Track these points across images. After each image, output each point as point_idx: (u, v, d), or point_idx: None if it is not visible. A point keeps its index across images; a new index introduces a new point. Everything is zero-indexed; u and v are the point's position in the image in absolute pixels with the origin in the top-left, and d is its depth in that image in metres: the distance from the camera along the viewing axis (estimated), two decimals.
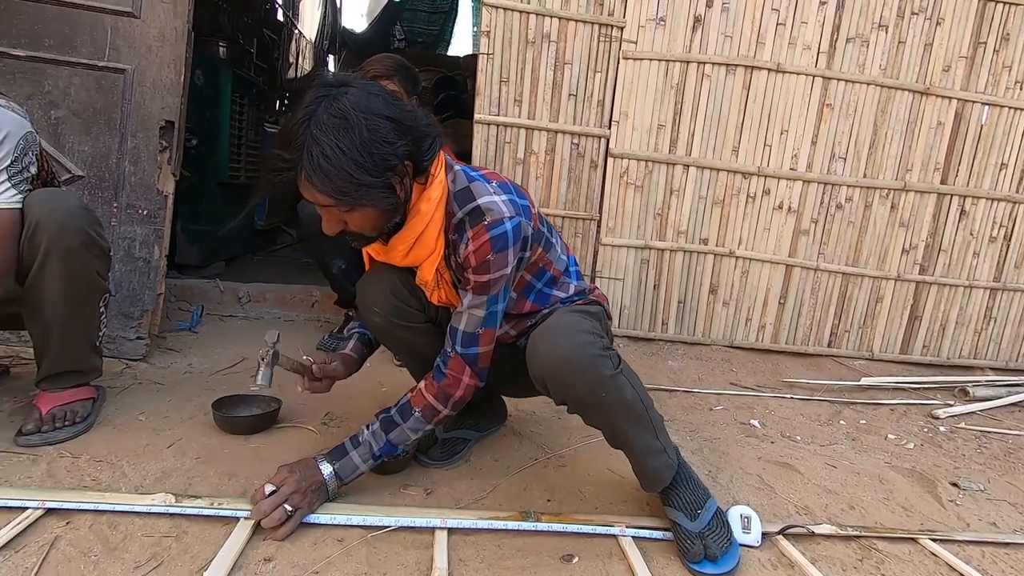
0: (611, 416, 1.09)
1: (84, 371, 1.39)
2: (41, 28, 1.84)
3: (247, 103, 3.31)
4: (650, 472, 1.15)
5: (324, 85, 0.98)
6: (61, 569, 0.93)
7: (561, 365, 1.04)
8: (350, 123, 0.93)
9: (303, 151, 0.93)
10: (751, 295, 2.54)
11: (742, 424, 1.86)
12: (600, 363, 1.04)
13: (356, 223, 1.05)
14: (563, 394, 1.08)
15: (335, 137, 0.92)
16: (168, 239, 1.94)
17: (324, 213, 1.04)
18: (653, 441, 1.14)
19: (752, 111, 2.41)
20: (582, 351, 1.04)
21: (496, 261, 1.08)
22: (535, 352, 1.07)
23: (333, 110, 0.94)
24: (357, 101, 0.95)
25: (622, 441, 1.14)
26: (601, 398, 1.05)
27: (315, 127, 0.93)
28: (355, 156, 0.93)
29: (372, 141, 0.95)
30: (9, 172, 1.14)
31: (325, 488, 1.11)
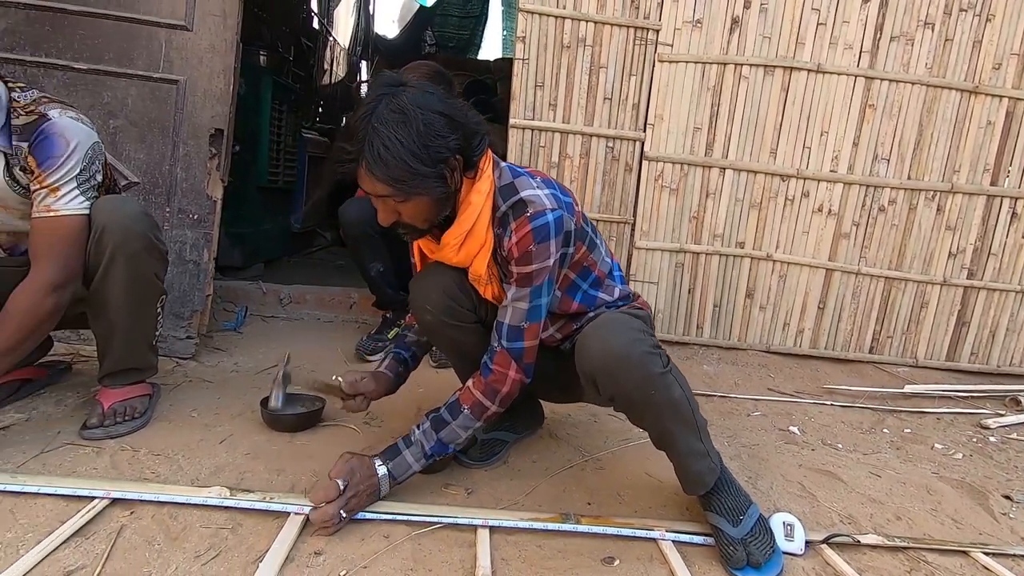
0: (658, 415, 1.09)
1: (142, 369, 1.45)
2: (101, 42, 1.94)
3: (286, 110, 3.40)
4: (693, 475, 1.15)
5: (384, 84, 1.06)
6: (128, 556, 0.99)
7: (612, 360, 1.06)
8: (408, 117, 1.01)
9: (365, 143, 1.00)
10: (789, 299, 2.50)
11: (781, 430, 1.83)
12: (650, 360, 1.06)
13: (409, 213, 1.10)
14: (612, 390, 1.09)
15: (394, 130, 1.00)
16: (216, 242, 2.01)
17: (380, 204, 1.09)
18: (697, 444, 1.14)
19: (791, 113, 2.37)
20: (633, 347, 1.05)
21: (538, 252, 1.11)
22: (586, 347, 1.09)
23: (393, 106, 1.01)
24: (414, 98, 1.03)
25: (667, 442, 1.14)
26: (650, 396, 1.06)
27: (376, 121, 1.00)
28: (412, 147, 1.00)
29: (427, 134, 1.02)
30: (78, 180, 1.21)
31: (378, 488, 1.14)
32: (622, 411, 1.15)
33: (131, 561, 0.97)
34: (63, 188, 1.19)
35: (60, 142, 1.18)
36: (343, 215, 2.05)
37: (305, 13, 5.26)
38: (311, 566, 1.01)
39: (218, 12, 1.95)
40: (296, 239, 3.85)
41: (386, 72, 1.11)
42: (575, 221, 1.18)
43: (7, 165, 1.19)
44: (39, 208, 1.19)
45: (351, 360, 2.10)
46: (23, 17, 1.91)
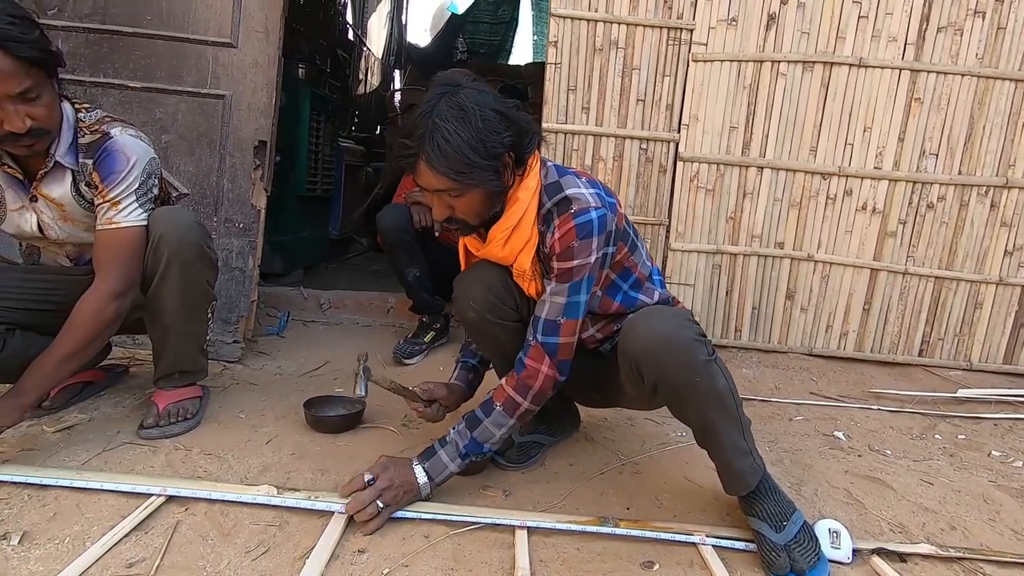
0: (702, 405, 1.08)
1: (194, 372, 1.52)
2: (153, 62, 2.04)
3: (323, 120, 3.50)
4: (736, 473, 1.13)
5: (442, 84, 1.10)
6: (184, 550, 1.03)
7: (657, 344, 1.06)
8: (467, 113, 1.05)
9: (425, 137, 1.05)
10: (832, 301, 2.43)
11: (825, 436, 1.78)
12: (696, 347, 1.05)
13: (463, 208, 1.14)
14: (656, 375, 1.07)
15: (454, 125, 1.05)
16: (260, 250, 2.09)
17: (435, 199, 1.14)
18: (740, 440, 1.12)
19: (831, 109, 2.31)
20: (679, 332, 1.05)
21: (580, 248, 1.12)
22: (631, 331, 1.09)
23: (452, 103, 1.06)
24: (472, 96, 1.07)
25: (710, 435, 1.12)
26: (695, 383, 1.05)
27: (436, 116, 1.05)
28: (471, 141, 1.05)
29: (485, 129, 1.06)
30: (137, 194, 1.28)
31: (417, 487, 1.17)
32: (664, 400, 1.13)
33: (187, 555, 1.02)
34: (124, 202, 1.27)
35: (121, 159, 1.26)
36: (380, 221, 2.09)
37: (340, 25, 5.40)
38: (355, 563, 1.03)
39: (261, 29, 2.03)
40: (333, 246, 3.95)
41: (442, 73, 1.15)
42: (618, 222, 1.19)
43: (74, 181, 1.27)
44: (102, 221, 1.27)
45: (389, 364, 2.15)
46: (83, 40, 2.03)
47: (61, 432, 1.41)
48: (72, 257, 1.42)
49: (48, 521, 1.08)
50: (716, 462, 1.16)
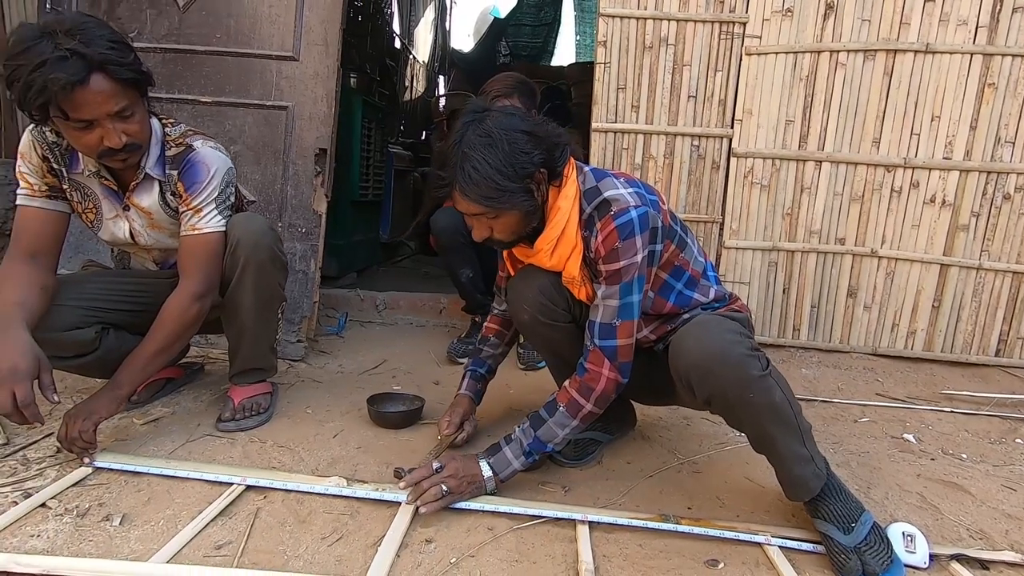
0: (757, 418, 1.08)
1: (265, 369, 1.61)
2: (222, 77, 2.17)
3: (374, 127, 3.61)
4: (796, 480, 1.12)
5: (470, 112, 1.15)
6: (265, 535, 1.10)
7: (708, 361, 1.05)
8: (493, 140, 1.09)
9: (457, 167, 1.10)
10: (898, 298, 2.33)
11: (894, 438, 1.71)
12: (748, 362, 1.04)
13: (500, 228, 1.18)
14: (708, 391, 1.08)
15: (482, 153, 1.09)
16: (322, 253, 2.18)
17: (474, 222, 1.18)
18: (800, 448, 1.11)
19: (895, 98, 2.22)
20: (731, 348, 1.05)
21: (624, 249, 1.13)
22: (681, 346, 1.09)
23: (479, 131, 1.11)
24: (498, 121, 1.11)
25: (767, 446, 1.11)
26: (748, 398, 1.05)
27: (465, 147, 1.10)
28: (499, 166, 1.08)
29: (512, 152, 1.10)
30: (217, 202, 1.37)
31: (482, 481, 1.20)
32: (718, 413, 1.14)
33: (268, 539, 1.09)
34: (205, 209, 1.36)
35: (203, 169, 1.35)
36: (435, 224, 2.15)
37: (388, 35, 5.55)
38: (424, 552, 1.07)
39: (321, 42, 2.12)
40: (383, 249, 4.07)
41: (472, 100, 1.21)
42: (662, 218, 1.18)
43: (161, 191, 1.37)
44: (186, 227, 1.36)
45: (442, 363, 2.20)
46: (160, 59, 2.17)
47: (148, 424, 1.52)
48: (158, 261, 1.53)
49: (144, 505, 1.17)
50: (775, 469, 1.15)
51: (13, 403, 1.11)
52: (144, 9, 2.16)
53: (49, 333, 1.29)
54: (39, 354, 1.16)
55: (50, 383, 1.17)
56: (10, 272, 1.27)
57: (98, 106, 1.16)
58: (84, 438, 1.25)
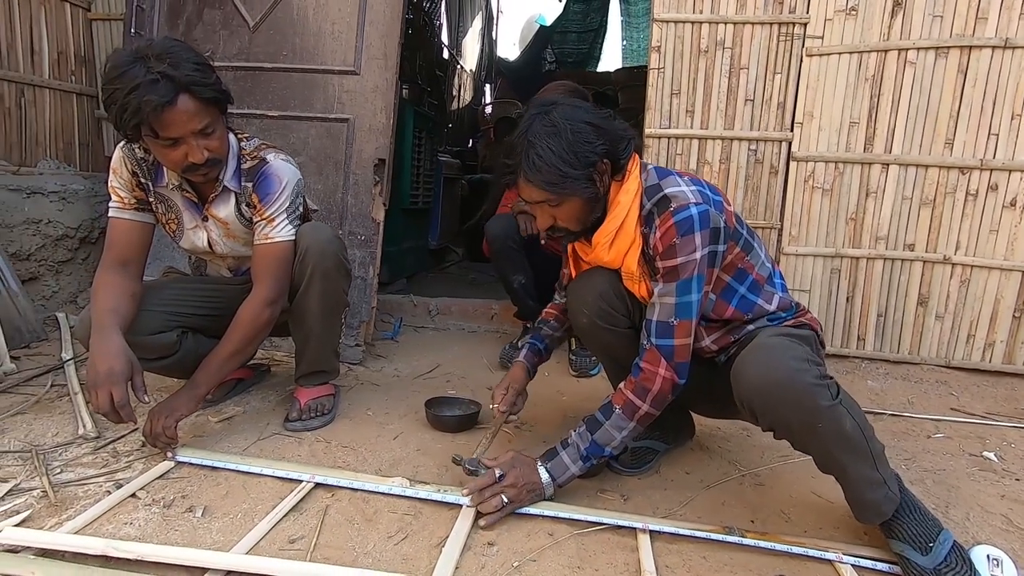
0: (825, 446, 1.05)
1: (329, 372, 1.67)
2: (288, 92, 2.27)
3: (424, 136, 3.69)
4: (868, 504, 1.08)
5: (537, 105, 1.19)
6: (335, 531, 1.14)
7: (772, 390, 1.02)
8: (558, 129, 1.13)
9: (522, 155, 1.14)
10: (974, 307, 2.20)
11: (972, 456, 1.62)
12: (817, 392, 1.00)
13: (563, 216, 1.20)
14: (771, 420, 1.06)
15: (547, 141, 1.12)
16: (379, 260, 2.25)
17: (538, 210, 1.21)
18: (871, 472, 1.06)
19: (971, 96, 2.11)
20: (796, 377, 1.00)
21: (682, 245, 1.12)
22: (743, 373, 1.06)
23: (545, 121, 1.14)
24: (563, 112, 1.15)
25: (836, 470, 1.08)
26: (815, 428, 1.01)
27: (531, 136, 1.14)
28: (562, 153, 1.12)
29: (575, 141, 1.12)
30: (287, 212, 1.44)
31: (541, 487, 1.21)
32: (782, 439, 1.10)
33: (338, 536, 1.13)
34: (277, 219, 1.43)
35: (275, 181, 1.42)
36: (488, 230, 2.18)
37: (437, 46, 5.68)
38: (486, 555, 1.09)
39: (380, 56, 2.20)
40: (432, 255, 4.15)
41: (538, 97, 1.24)
42: (725, 219, 1.17)
43: (236, 202, 1.45)
44: (259, 236, 1.44)
45: (495, 368, 2.22)
46: (230, 77, 2.30)
47: (222, 422, 1.61)
48: (232, 269, 1.62)
49: (222, 498, 1.24)
50: (844, 491, 1.11)
51: (111, 403, 1.21)
52: (218, 30, 2.30)
53: (136, 337, 1.38)
54: (132, 357, 1.26)
55: (141, 384, 1.26)
56: (104, 280, 1.38)
57: (184, 124, 1.24)
58: (167, 434, 1.33)
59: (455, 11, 6.39)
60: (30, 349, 2.11)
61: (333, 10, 2.23)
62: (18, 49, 2.58)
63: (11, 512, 1.14)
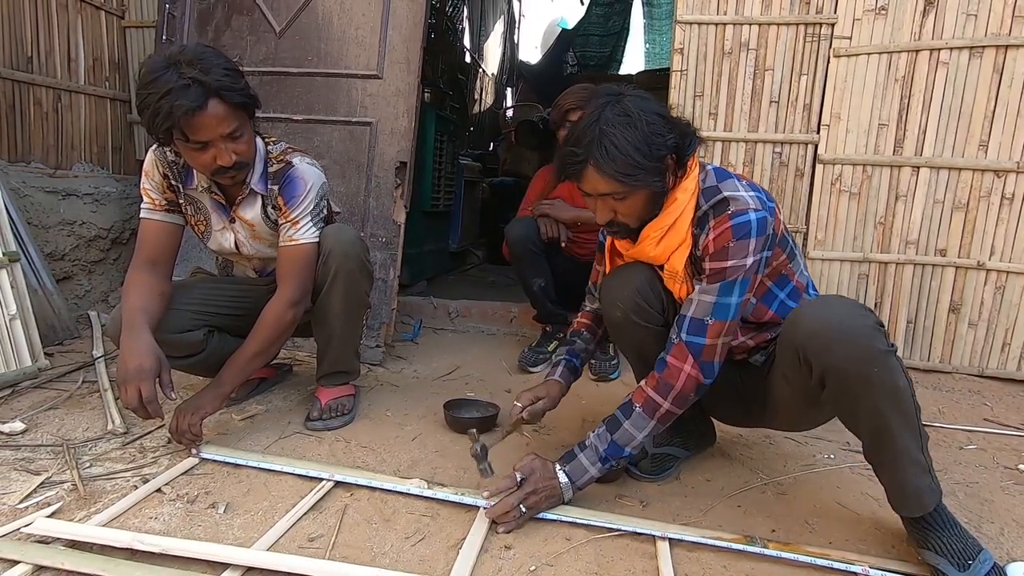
0: (877, 401, 0.99)
1: (349, 372, 1.69)
2: (312, 96, 2.31)
3: (445, 140, 3.71)
4: (911, 489, 1.03)
5: (605, 94, 1.14)
6: (353, 531, 1.15)
7: (829, 330, 1.00)
8: (632, 119, 1.09)
9: (594, 144, 1.09)
10: (1009, 315, 2.13)
11: (1008, 469, 1.56)
12: (874, 336, 0.98)
13: (625, 210, 1.16)
14: (826, 362, 1.01)
15: (621, 130, 1.09)
16: (400, 262, 2.27)
17: (599, 203, 1.17)
18: (919, 454, 1.03)
19: (1007, 97, 2.04)
20: (855, 319, 0.99)
21: (736, 249, 1.10)
22: (800, 317, 1.05)
23: (618, 110, 1.10)
24: (635, 102, 1.11)
25: (884, 440, 1.02)
26: (870, 373, 0.97)
27: (604, 124, 1.09)
28: (636, 143, 1.08)
29: (650, 133, 1.09)
30: (311, 214, 1.47)
31: (560, 492, 1.20)
32: (831, 397, 1.05)
33: (356, 535, 1.14)
34: (301, 221, 1.45)
35: (300, 184, 1.45)
36: (509, 233, 2.18)
37: (459, 50, 5.72)
38: (503, 558, 1.09)
39: (403, 60, 2.22)
40: (452, 258, 4.17)
41: (606, 84, 1.20)
42: (775, 226, 1.15)
43: (263, 204, 1.48)
44: (284, 238, 1.46)
45: (514, 371, 2.22)
46: (257, 82, 2.34)
47: (245, 420, 1.64)
48: (257, 270, 1.65)
49: (244, 495, 1.26)
50: (887, 475, 1.06)
51: (139, 399, 1.24)
52: (245, 36, 2.35)
53: (165, 335, 1.41)
54: (160, 355, 1.29)
55: (169, 381, 1.29)
56: (135, 280, 1.41)
57: (213, 128, 1.27)
58: (192, 431, 1.36)
59: (477, 15, 6.43)
60: (63, 346, 2.18)
61: (357, 15, 2.26)
62: (56, 56, 2.67)
63: (43, 504, 1.17)
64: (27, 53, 2.54)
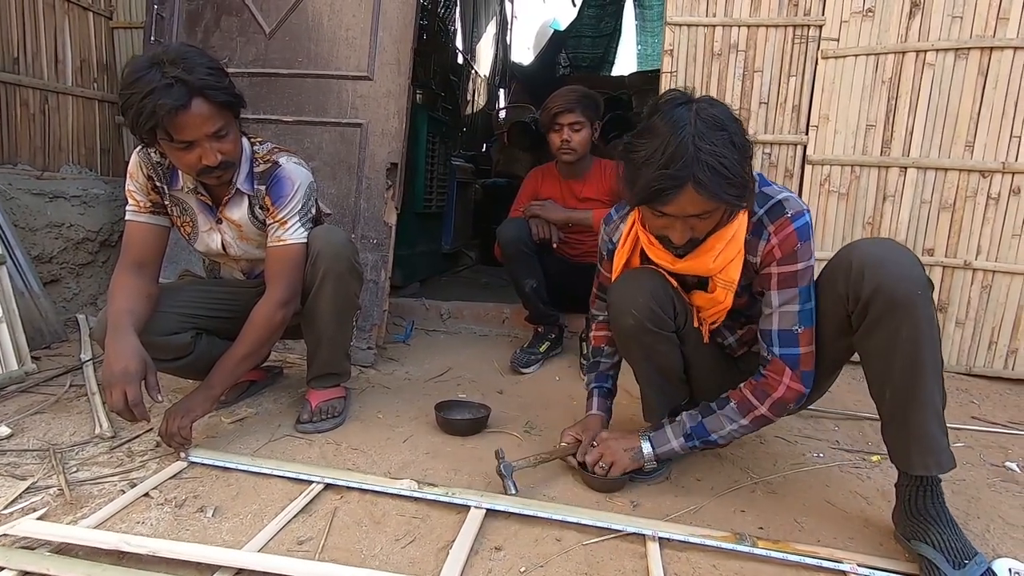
0: (916, 331, 0.99)
1: (340, 374, 1.68)
2: (302, 98, 2.30)
3: (438, 141, 3.71)
4: (933, 443, 1.03)
5: (677, 102, 1.03)
6: (343, 533, 1.15)
7: (884, 251, 1.03)
8: (728, 130, 1.00)
9: (693, 163, 0.97)
10: (996, 314, 2.15)
11: (994, 466, 1.58)
12: (920, 265, 1.02)
13: (704, 227, 1.08)
14: (877, 282, 1.00)
15: (721, 145, 0.98)
16: (392, 264, 2.26)
17: (679, 224, 1.06)
18: (941, 409, 1.04)
19: (992, 98, 2.07)
20: (906, 251, 1.04)
21: (803, 250, 1.11)
22: (854, 245, 1.08)
23: (708, 121, 0.99)
24: (719, 110, 1.02)
25: (915, 380, 1.01)
26: (916, 298, 0.98)
27: (699, 139, 0.97)
28: (738, 158, 1.00)
29: (743, 145, 1.03)
30: (299, 215, 1.46)
31: (639, 448, 1.24)
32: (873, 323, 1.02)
33: (346, 538, 1.13)
34: (289, 221, 1.45)
35: (288, 184, 1.44)
36: (501, 234, 2.18)
37: (451, 51, 5.72)
38: (493, 559, 1.09)
39: (393, 61, 2.22)
40: (445, 259, 4.16)
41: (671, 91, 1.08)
42: None
43: (250, 205, 1.47)
44: (272, 239, 1.46)
45: (506, 372, 2.22)
46: (247, 83, 2.33)
47: (235, 423, 1.62)
48: (245, 271, 1.64)
49: (233, 499, 1.25)
50: (910, 424, 1.04)
51: (124, 402, 1.23)
52: (235, 37, 2.34)
53: (152, 337, 1.40)
54: (146, 357, 1.28)
55: (155, 384, 1.28)
56: (120, 282, 1.40)
57: (198, 127, 1.26)
58: (182, 434, 1.35)
59: (470, 16, 6.43)
60: (51, 350, 2.15)
61: (347, 16, 2.26)
62: (43, 57, 2.65)
63: (28, 509, 1.16)
64: (13, 54, 2.52)
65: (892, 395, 1.07)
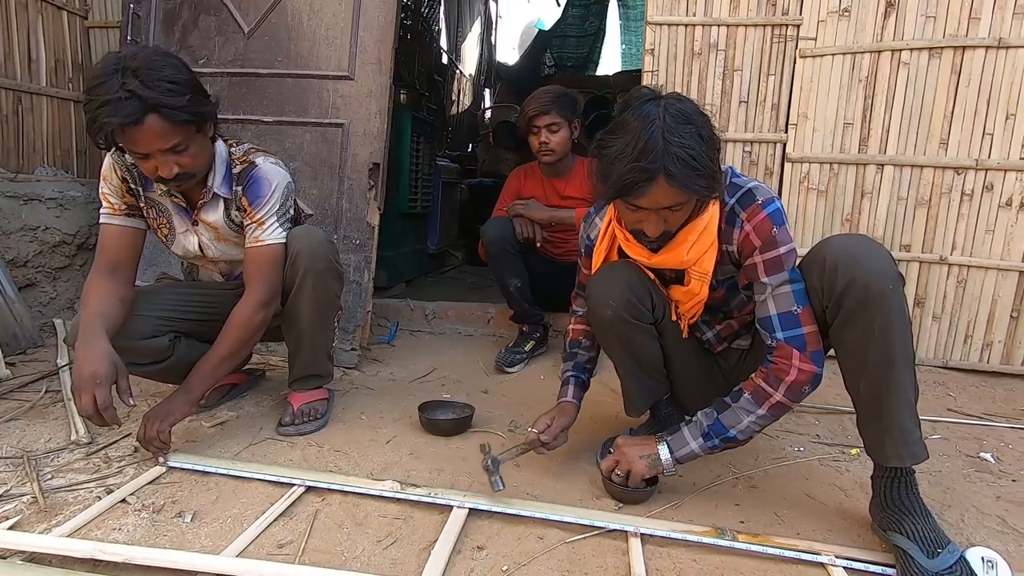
0: (889, 325, 1.01)
1: (322, 375, 1.67)
2: (283, 98, 2.28)
3: (422, 141, 3.69)
4: (906, 435, 1.05)
5: (645, 99, 1.06)
6: (324, 536, 1.14)
7: (859, 246, 1.05)
8: (695, 124, 1.03)
9: (663, 155, 1.00)
10: (971, 308, 2.19)
11: (969, 457, 1.61)
12: (893, 260, 1.05)
13: (675, 219, 1.11)
14: (852, 275, 1.03)
15: (689, 138, 1.01)
16: (375, 264, 2.25)
17: (653, 216, 1.09)
18: (913, 401, 1.07)
19: (965, 97, 2.10)
20: (879, 246, 1.07)
21: (781, 235, 1.12)
22: (830, 240, 1.10)
23: (676, 116, 1.02)
24: (686, 105, 1.05)
25: (888, 371, 1.04)
26: (888, 291, 1.01)
27: (670, 134, 1.00)
28: (710, 153, 1.04)
29: (711, 138, 1.06)
30: (277, 215, 1.45)
31: (656, 452, 1.23)
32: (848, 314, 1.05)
33: (327, 540, 1.12)
34: (267, 222, 1.43)
35: (265, 184, 1.42)
36: (485, 233, 2.18)
37: (436, 51, 5.70)
38: (476, 559, 1.08)
39: (375, 61, 2.21)
40: (431, 259, 4.15)
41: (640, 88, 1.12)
42: None
43: (226, 207, 1.45)
44: (250, 239, 1.44)
45: (491, 372, 2.21)
46: (226, 83, 2.31)
47: (215, 427, 1.60)
48: (224, 273, 1.62)
49: (212, 503, 1.23)
50: (884, 416, 1.06)
51: (94, 406, 1.20)
52: (213, 37, 2.31)
53: (128, 341, 1.38)
54: (117, 361, 1.25)
55: (127, 388, 1.26)
56: (94, 286, 1.38)
57: (151, 143, 1.23)
58: (161, 438, 1.33)
59: (454, 16, 6.41)
60: (26, 355, 2.11)
61: (327, 16, 2.24)
62: (15, 57, 2.60)
63: (0, 518, 1.14)
64: None
65: (866, 388, 1.08)
